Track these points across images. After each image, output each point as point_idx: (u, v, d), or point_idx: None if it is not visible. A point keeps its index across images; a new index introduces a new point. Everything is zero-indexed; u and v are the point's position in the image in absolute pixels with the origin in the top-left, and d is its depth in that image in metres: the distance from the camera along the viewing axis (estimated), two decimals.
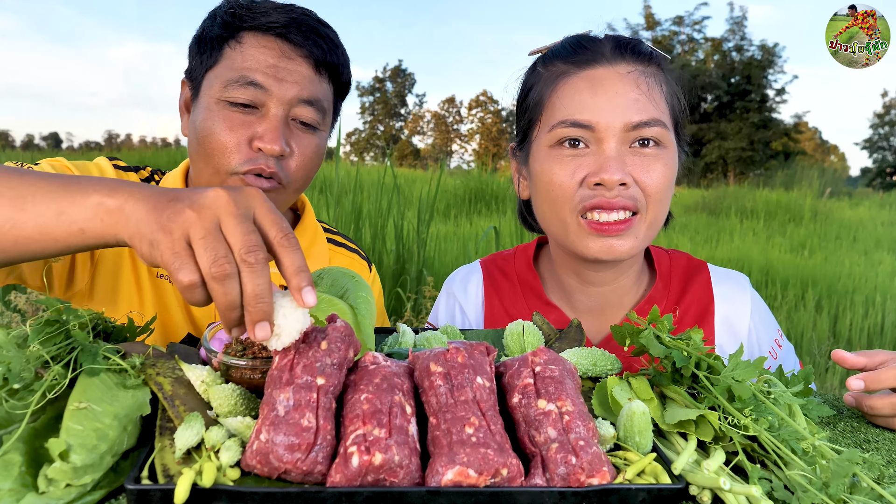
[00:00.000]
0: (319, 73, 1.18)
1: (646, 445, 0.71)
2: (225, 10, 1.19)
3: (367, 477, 0.60)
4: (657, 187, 1.08)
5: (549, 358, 0.74)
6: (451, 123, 61.40)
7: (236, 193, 0.69)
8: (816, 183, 15.47)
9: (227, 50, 1.16)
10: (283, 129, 1.14)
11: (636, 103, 1.07)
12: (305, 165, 1.19)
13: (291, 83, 1.14)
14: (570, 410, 0.67)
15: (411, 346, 0.95)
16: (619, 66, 1.09)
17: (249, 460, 0.61)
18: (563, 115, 1.09)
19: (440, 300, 1.41)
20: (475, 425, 0.64)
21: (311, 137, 1.20)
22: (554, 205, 1.12)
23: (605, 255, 1.09)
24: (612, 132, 1.06)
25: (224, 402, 0.70)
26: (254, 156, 1.13)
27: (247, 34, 1.16)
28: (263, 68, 1.13)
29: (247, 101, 1.13)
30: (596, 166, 1.06)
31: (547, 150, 1.12)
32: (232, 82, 1.13)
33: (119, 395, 0.69)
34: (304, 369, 0.65)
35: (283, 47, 1.15)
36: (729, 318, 1.24)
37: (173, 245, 0.65)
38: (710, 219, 11.99)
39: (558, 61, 1.14)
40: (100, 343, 0.75)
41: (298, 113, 1.16)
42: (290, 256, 0.67)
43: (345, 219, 4.51)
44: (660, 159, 1.08)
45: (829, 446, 0.71)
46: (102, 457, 0.62)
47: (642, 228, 1.10)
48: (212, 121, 1.14)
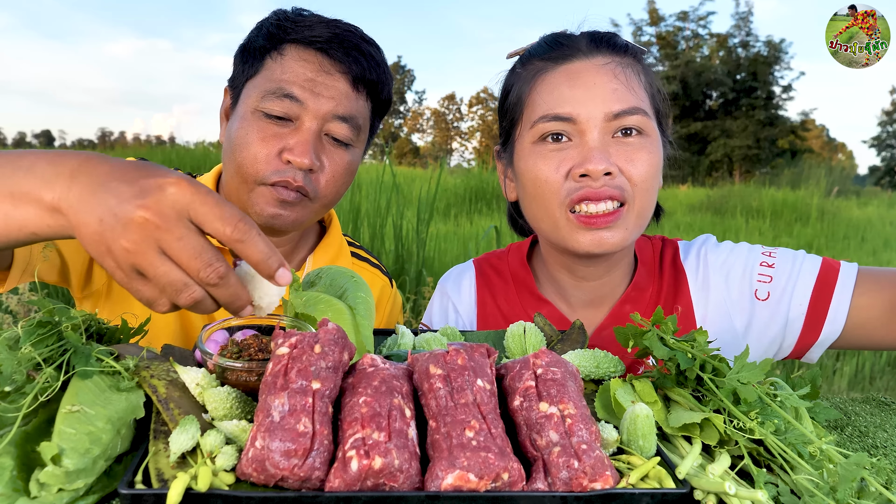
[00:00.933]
0: (357, 90, 1.20)
1: (649, 449, 0.71)
2: (271, 22, 1.22)
3: (366, 481, 0.60)
4: (643, 176, 1.09)
5: (551, 360, 0.74)
6: (452, 121, 61.40)
7: (160, 205, 0.64)
8: (823, 182, 15.47)
9: (268, 61, 1.19)
10: (314, 142, 1.16)
11: (615, 93, 1.08)
12: (336, 181, 1.21)
13: (327, 98, 1.16)
14: (573, 413, 0.67)
15: (410, 347, 0.95)
16: (595, 59, 1.12)
17: (245, 468, 0.61)
18: (544, 110, 1.11)
19: (434, 300, 1.43)
20: (476, 429, 0.64)
21: (342, 153, 1.21)
22: (542, 201, 1.13)
23: (597, 249, 1.10)
24: (593, 123, 1.08)
25: (219, 406, 0.70)
26: (282, 167, 1.15)
27: (289, 47, 1.19)
28: (301, 81, 1.15)
29: (282, 113, 1.15)
30: (580, 158, 1.08)
31: (530, 146, 1.14)
32: (269, 93, 1.15)
33: (112, 398, 0.69)
34: (298, 374, 0.65)
35: (323, 62, 1.17)
36: (700, 285, 1.24)
37: (129, 282, 0.66)
38: (715, 218, 11.99)
39: (535, 59, 1.17)
40: (93, 345, 0.75)
41: (332, 129, 1.18)
42: (250, 248, 0.67)
43: (342, 218, 4.51)
44: (643, 148, 1.10)
45: (836, 450, 0.71)
46: (95, 461, 0.62)
47: (631, 219, 1.11)
48: (245, 130, 1.16)
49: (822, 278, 1.13)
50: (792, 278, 1.16)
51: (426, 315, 1.46)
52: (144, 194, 0.65)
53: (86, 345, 0.74)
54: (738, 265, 1.22)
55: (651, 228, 1.38)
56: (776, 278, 1.17)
